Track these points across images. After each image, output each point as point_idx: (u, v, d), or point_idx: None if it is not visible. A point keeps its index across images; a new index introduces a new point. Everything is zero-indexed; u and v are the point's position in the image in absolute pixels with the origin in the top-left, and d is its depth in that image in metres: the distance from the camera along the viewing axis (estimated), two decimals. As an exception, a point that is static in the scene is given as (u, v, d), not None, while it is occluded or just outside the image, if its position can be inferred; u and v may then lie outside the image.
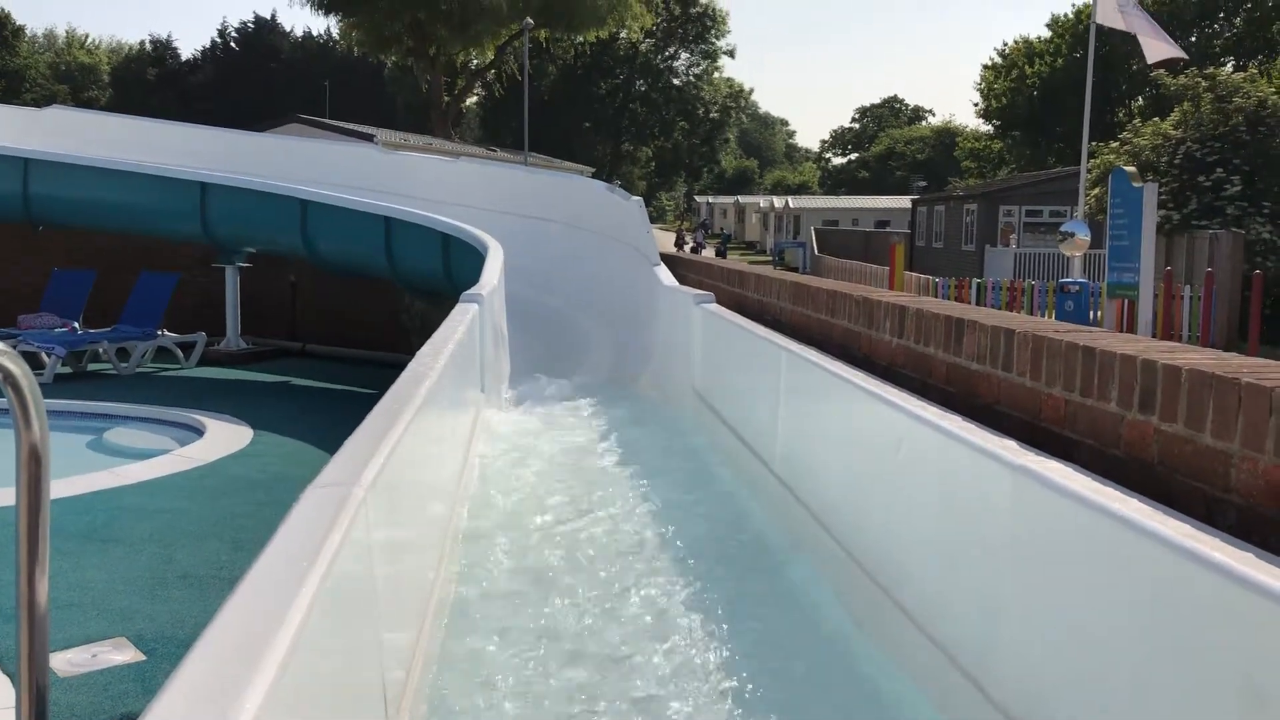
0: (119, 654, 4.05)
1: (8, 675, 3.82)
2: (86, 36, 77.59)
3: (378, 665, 2.17)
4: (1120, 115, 39.03)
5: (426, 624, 3.12)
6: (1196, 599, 1.95)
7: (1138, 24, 15.54)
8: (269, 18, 66.97)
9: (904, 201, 46.85)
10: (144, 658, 4.02)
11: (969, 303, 17.68)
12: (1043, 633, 2.45)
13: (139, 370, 11.56)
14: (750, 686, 3.10)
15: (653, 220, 11.57)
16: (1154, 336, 11.12)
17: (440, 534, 3.80)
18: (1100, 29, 16.64)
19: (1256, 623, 1.79)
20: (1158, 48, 15.92)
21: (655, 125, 64.96)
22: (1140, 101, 40.89)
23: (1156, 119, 23.39)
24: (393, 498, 2.58)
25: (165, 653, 4.05)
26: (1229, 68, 35.54)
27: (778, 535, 4.54)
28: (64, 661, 3.91)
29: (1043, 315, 17.07)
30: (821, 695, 3.12)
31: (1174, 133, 21.68)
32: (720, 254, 40.16)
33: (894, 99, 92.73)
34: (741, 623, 3.56)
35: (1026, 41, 50.44)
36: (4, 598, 4.55)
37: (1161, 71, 25.00)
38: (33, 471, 1.60)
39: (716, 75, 67.62)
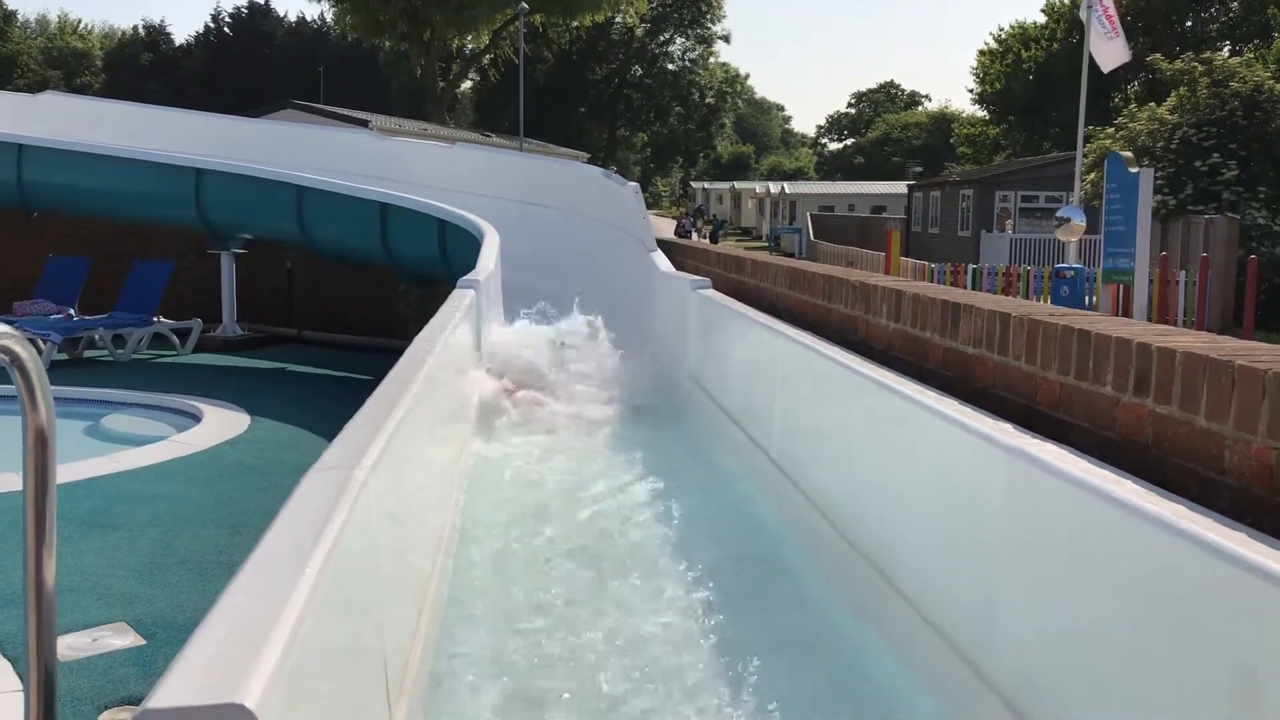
0: (119, 638, 4.07)
1: (7, 660, 3.84)
2: (79, 22, 77.13)
3: (380, 645, 2.19)
4: (1116, 100, 38.95)
5: (428, 604, 3.14)
6: (1191, 580, 1.97)
7: (1094, 33, 15.32)
8: (262, 3, 66.68)
9: (900, 187, 46.81)
10: (144, 642, 4.04)
11: (965, 288, 17.68)
12: (1039, 615, 2.47)
13: (135, 357, 11.55)
14: (750, 666, 3.13)
15: (648, 206, 11.56)
16: (1149, 322, 11.14)
17: (440, 516, 3.82)
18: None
19: (1251, 604, 1.81)
20: (1112, 54, 15.73)
21: (651, 111, 64.83)
22: (1136, 86, 40.82)
23: (1153, 104, 23.36)
24: (393, 481, 2.59)
25: (165, 637, 4.07)
26: (1225, 52, 35.52)
27: (776, 521, 4.57)
28: (65, 646, 3.92)
29: (1038, 301, 17.09)
30: (819, 680, 3.14)
31: (1170, 118, 21.66)
32: (713, 240, 40.09)
33: (890, 84, 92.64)
34: (740, 609, 3.59)
35: (1022, 26, 50.35)
36: (5, 583, 4.57)
37: (1158, 56, 24.93)
38: (39, 454, 1.61)
39: (712, 60, 67.49)
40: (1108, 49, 15.59)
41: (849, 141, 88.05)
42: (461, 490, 4.70)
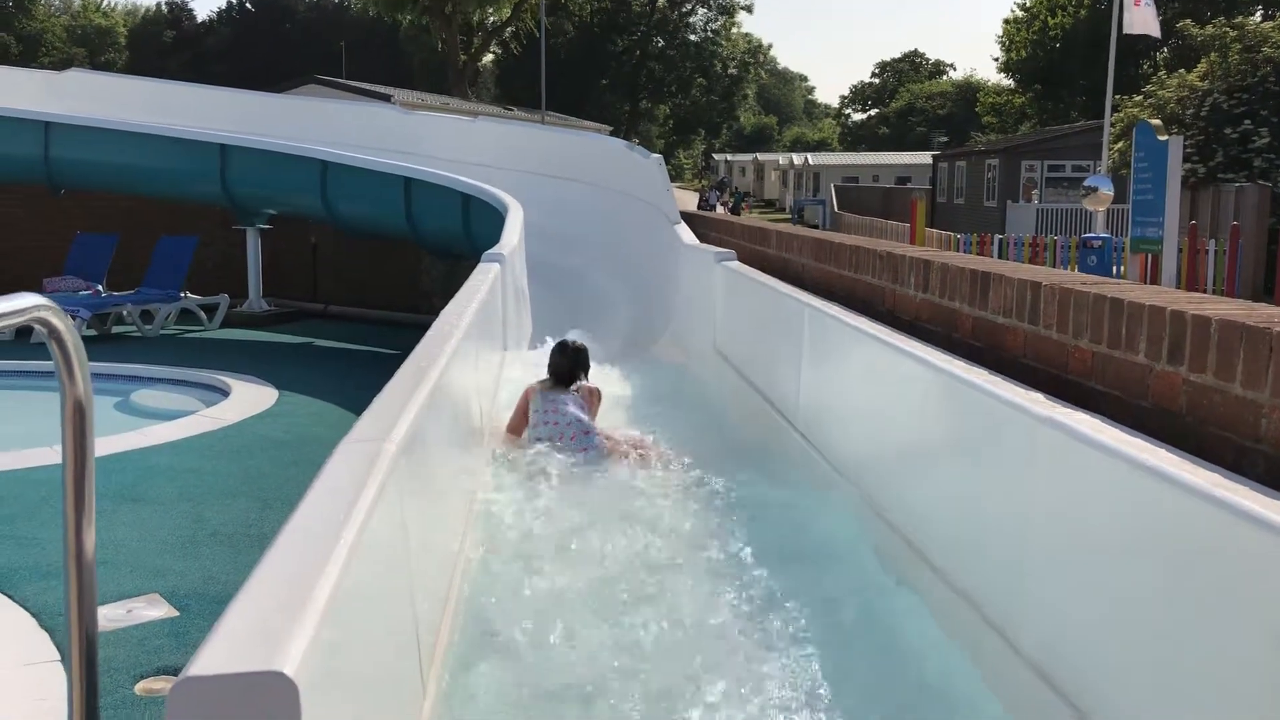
0: (153, 610, 4.13)
1: (45, 630, 3.90)
2: (102, -1, 77.37)
3: (412, 613, 2.20)
4: (1145, 67, 38.39)
5: (456, 576, 3.16)
6: (1227, 548, 1.95)
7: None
8: (284, -22, 66.58)
9: (925, 157, 46.39)
10: (177, 613, 4.09)
11: (991, 259, 17.50)
12: (1070, 583, 2.46)
13: (163, 332, 11.64)
14: (779, 633, 3.14)
15: (671, 179, 11.52)
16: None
17: (467, 488, 3.85)
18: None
19: (1287, 571, 1.79)
20: (1141, 20, 15.59)
21: (673, 83, 64.37)
22: (1165, 53, 40.18)
23: (1182, 70, 22.98)
24: (422, 453, 2.61)
25: (198, 609, 4.12)
26: (1257, 16, 34.89)
27: (803, 492, 4.56)
28: (101, 617, 3.95)
29: (1066, 271, 16.91)
30: (852, 645, 3.15)
31: (1200, 84, 21.30)
32: (734, 212, 39.81)
33: (914, 53, 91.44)
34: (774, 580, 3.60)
35: (1049, -7, 49.57)
36: (42, 555, 4.64)
37: (1188, 22, 24.54)
38: (77, 425, 1.62)
39: (734, 31, 66.88)
40: (1137, 14, 15.41)
41: (873, 112, 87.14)
42: (489, 460, 4.72)
